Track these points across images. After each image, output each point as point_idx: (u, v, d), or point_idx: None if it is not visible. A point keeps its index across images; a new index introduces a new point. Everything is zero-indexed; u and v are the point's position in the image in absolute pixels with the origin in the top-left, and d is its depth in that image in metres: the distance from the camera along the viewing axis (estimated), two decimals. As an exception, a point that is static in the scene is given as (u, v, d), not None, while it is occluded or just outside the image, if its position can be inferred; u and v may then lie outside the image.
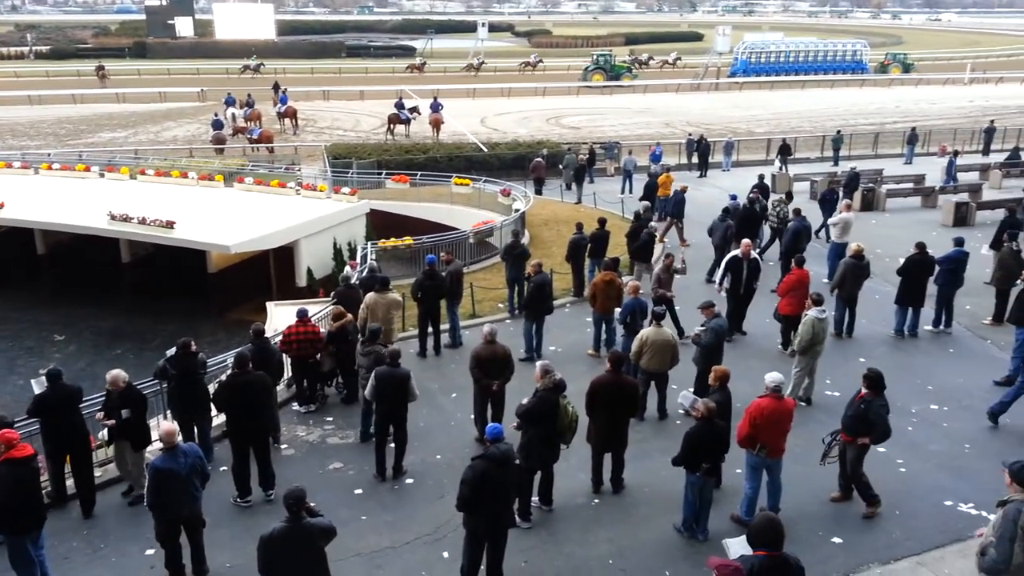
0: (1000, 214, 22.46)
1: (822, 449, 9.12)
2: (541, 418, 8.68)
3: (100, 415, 9.15)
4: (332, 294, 13.80)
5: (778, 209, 18.88)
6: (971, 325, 14.54)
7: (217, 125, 34.80)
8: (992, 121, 36.63)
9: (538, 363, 9.33)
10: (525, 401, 8.94)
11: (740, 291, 13.89)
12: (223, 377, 10.32)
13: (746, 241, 14.26)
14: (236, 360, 9.41)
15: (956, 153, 28.89)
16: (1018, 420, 11.09)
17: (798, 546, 8.30)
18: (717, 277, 14.13)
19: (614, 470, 9.57)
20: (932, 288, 14.33)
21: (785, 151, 30.68)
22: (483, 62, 66.74)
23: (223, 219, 19.81)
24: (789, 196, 20.83)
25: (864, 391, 8.76)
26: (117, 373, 9.19)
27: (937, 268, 14.12)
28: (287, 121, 40.24)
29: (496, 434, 7.56)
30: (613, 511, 9.22)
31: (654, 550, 8.46)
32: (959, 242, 14.38)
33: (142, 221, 18.45)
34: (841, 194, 20.94)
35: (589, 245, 16.44)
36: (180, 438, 8.11)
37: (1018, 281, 14.51)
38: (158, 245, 19.71)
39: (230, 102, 39.06)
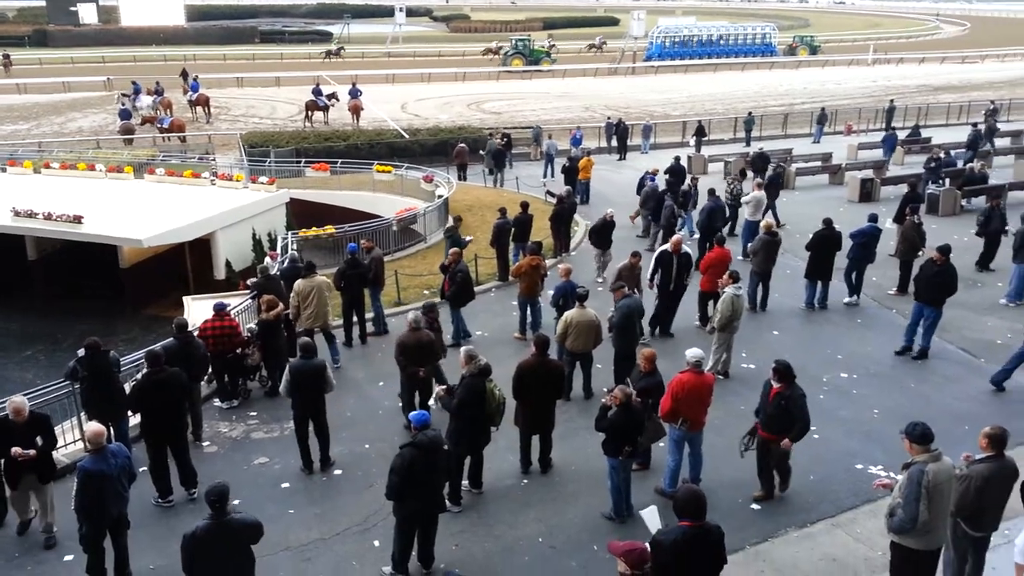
0: (903, 189, 23.63)
1: (740, 447, 8.96)
2: (470, 405, 8.73)
3: (17, 451, 8.06)
4: (250, 285, 13.51)
5: (732, 187, 19.61)
6: (877, 296, 15.23)
7: (125, 115, 33.49)
8: (892, 100, 38.26)
9: (462, 349, 9.40)
10: (441, 390, 9.09)
11: (670, 287, 13.46)
12: (139, 376, 10.02)
13: (676, 237, 13.96)
14: (149, 358, 9.13)
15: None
16: (922, 386, 11.72)
17: (718, 514, 8.59)
18: (647, 276, 13.62)
19: (542, 451, 9.71)
20: (841, 262, 14.93)
21: (700, 132, 31.44)
22: (342, 48, 65.73)
23: (134, 212, 19.11)
24: (743, 174, 21.35)
25: (776, 385, 8.51)
26: (20, 402, 8.23)
27: (851, 242, 14.71)
28: (199, 109, 39.00)
29: (423, 421, 7.59)
30: (542, 491, 9.36)
31: (582, 527, 8.64)
32: (873, 218, 14.98)
33: (48, 216, 17.64)
34: (751, 174, 21.55)
35: (512, 229, 16.54)
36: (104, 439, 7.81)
37: (920, 252, 15.29)
38: (66, 241, 18.90)
39: (137, 90, 37.57)
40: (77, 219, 17.53)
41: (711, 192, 17.64)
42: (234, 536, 6.30)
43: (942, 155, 24.34)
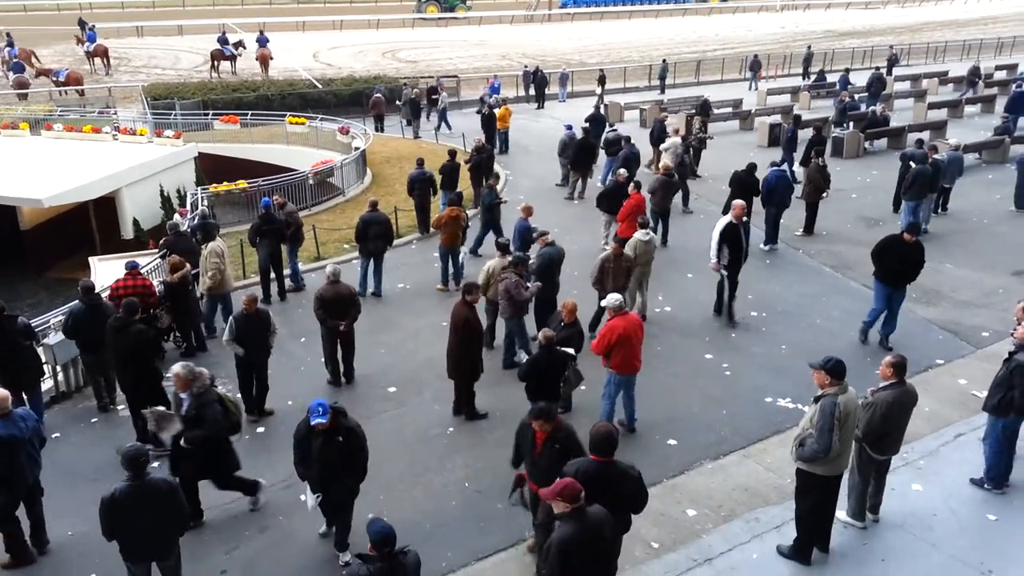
0: (809, 133, 24.33)
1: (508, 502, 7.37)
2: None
3: None
4: (160, 244, 13.08)
5: (697, 134, 20.34)
6: (784, 237, 15.77)
7: (17, 68, 31.47)
8: (809, 47, 39.15)
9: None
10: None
11: (741, 263, 12.20)
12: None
13: (739, 203, 12.44)
14: (125, 307, 9.18)
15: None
16: (827, 322, 12.30)
17: (639, 451, 9.00)
18: (712, 253, 12.10)
19: (467, 401, 9.84)
20: (760, 207, 15.33)
21: (602, 81, 31.65)
22: None
23: (32, 170, 18.19)
24: (704, 124, 21.51)
25: (540, 427, 6.73)
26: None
27: (762, 189, 15.11)
28: (97, 61, 36.96)
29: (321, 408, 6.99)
30: (468, 437, 9.51)
31: (507, 471, 8.74)
32: (774, 163, 15.46)
33: (-65, 177, 16.65)
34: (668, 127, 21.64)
35: (433, 178, 16.33)
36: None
37: (825, 195, 15.88)
38: (-43, 203, 17.86)
39: (11, 43, 34.95)
40: (-32, 179, 16.58)
41: (627, 139, 17.86)
42: (153, 497, 6.21)
43: (847, 99, 25.16)
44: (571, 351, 8.87)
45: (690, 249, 15.21)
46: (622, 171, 15.34)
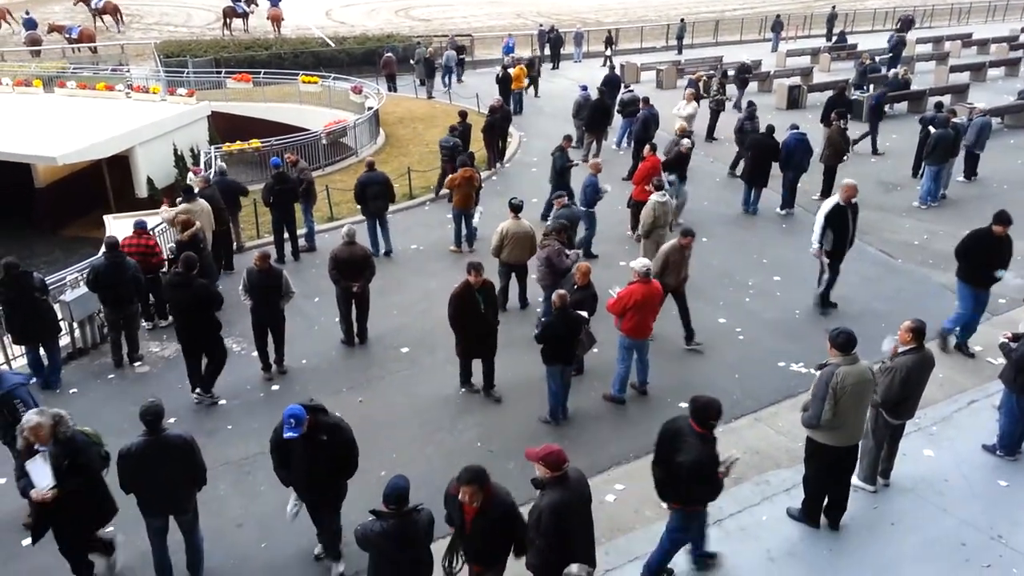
0: (828, 96, 23.93)
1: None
2: None
3: None
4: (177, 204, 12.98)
5: (717, 93, 20.10)
6: (801, 201, 15.61)
7: (30, 24, 31.31)
8: (833, 7, 38.31)
9: None
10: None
11: (846, 250, 11.12)
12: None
13: (849, 182, 11.03)
14: (184, 262, 9.09)
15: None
16: (842, 288, 12.20)
17: (650, 414, 9.05)
18: (815, 237, 11.05)
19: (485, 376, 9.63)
20: (778, 171, 15.16)
21: (609, 42, 31.21)
22: None
23: (46, 128, 18.18)
24: (723, 84, 21.14)
25: (470, 501, 5.41)
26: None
27: (782, 153, 14.90)
28: (107, 18, 36.69)
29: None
30: (480, 398, 9.54)
31: (519, 431, 8.88)
32: (793, 126, 15.20)
33: (-49, 134, 16.68)
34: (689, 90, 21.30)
35: (458, 145, 16.05)
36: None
37: (845, 158, 15.66)
38: (-27, 161, 17.91)
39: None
40: (-17, 136, 16.61)
41: (645, 100, 17.64)
42: (169, 452, 6.28)
43: (868, 61, 24.71)
44: (584, 314, 8.86)
45: (703, 212, 15.09)
46: (685, 141, 14.48)
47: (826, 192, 15.72)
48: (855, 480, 7.58)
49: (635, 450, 8.49)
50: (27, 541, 6.94)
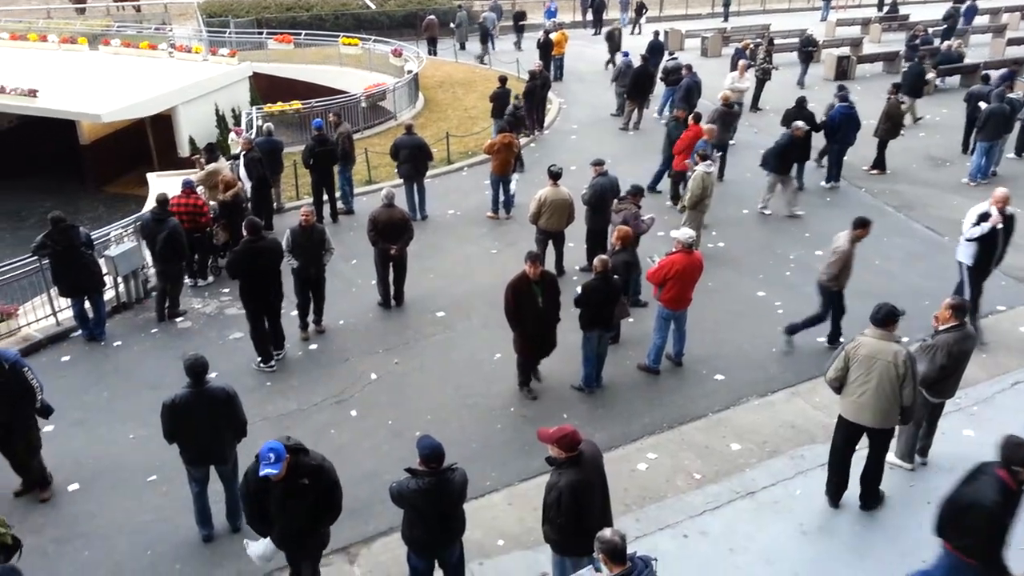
0: (878, 67, 23.34)
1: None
2: None
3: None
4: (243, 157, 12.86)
5: (764, 62, 19.60)
6: (846, 175, 15.28)
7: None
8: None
9: None
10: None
11: (992, 267, 9.73)
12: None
13: (1002, 192, 9.37)
14: (248, 226, 9.15)
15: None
16: (886, 263, 11.98)
17: (684, 384, 9.03)
18: (961, 252, 9.66)
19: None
20: (820, 142, 14.80)
21: (640, 9, 30.64)
22: None
23: (91, 85, 18.39)
24: (768, 54, 20.71)
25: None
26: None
27: (828, 125, 14.52)
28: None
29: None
30: (514, 364, 9.46)
31: (553, 397, 8.92)
32: (843, 97, 14.77)
33: (1, 90, 16.93)
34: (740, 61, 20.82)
35: (491, 104, 16.00)
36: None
37: (901, 133, 15.25)
38: (22, 116, 18.22)
39: None
40: (32, 93, 16.88)
41: (688, 68, 17.33)
42: (211, 404, 6.43)
43: (921, 33, 23.97)
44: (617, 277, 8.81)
45: (746, 184, 14.85)
46: (799, 123, 13.53)
47: (878, 165, 15.37)
48: (891, 458, 7.50)
49: (668, 420, 8.50)
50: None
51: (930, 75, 20.23)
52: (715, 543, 6.86)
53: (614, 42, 23.38)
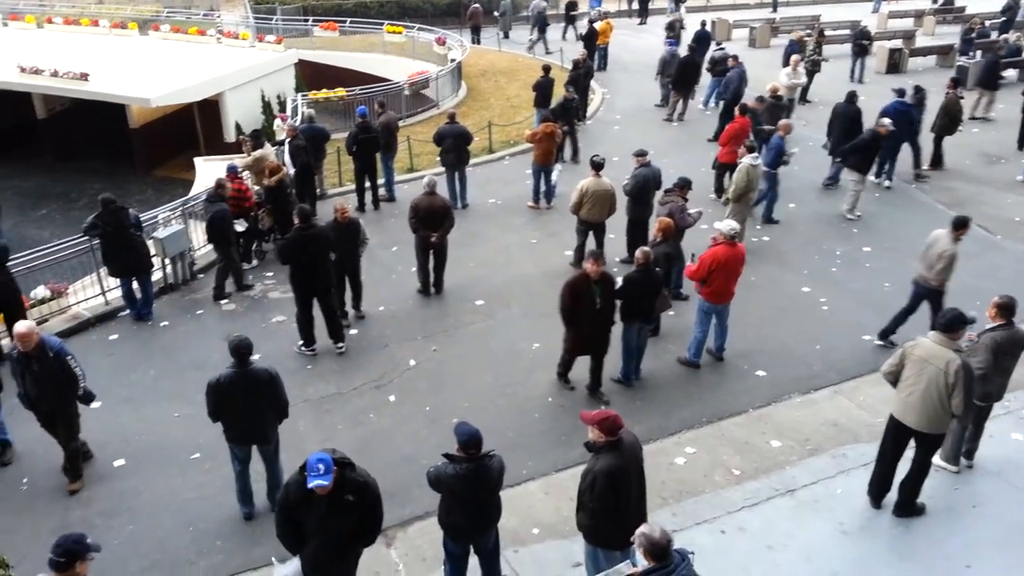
0: (931, 61, 22.70)
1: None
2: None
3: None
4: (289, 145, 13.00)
5: (813, 54, 19.20)
6: (899, 171, 14.90)
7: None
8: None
9: None
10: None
11: None
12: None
13: None
14: (299, 214, 9.24)
15: None
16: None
17: (725, 379, 8.93)
18: None
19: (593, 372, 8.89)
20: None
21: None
22: None
23: (141, 70, 18.69)
24: (819, 45, 20.28)
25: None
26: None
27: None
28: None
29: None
30: (552, 354, 9.45)
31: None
32: (900, 93, 14.31)
33: (54, 74, 17.30)
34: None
35: (534, 93, 15.91)
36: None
37: (960, 128, 14.85)
38: (75, 100, 18.62)
39: None
40: (83, 76, 17.20)
41: (735, 58, 17.08)
42: (255, 384, 6.53)
43: (978, 26, 23.30)
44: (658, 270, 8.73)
45: (792, 177, 14.58)
46: (886, 120, 12.98)
47: (935, 163, 14.98)
48: (937, 460, 7.33)
49: (707, 415, 8.41)
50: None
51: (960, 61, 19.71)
52: (753, 540, 6.78)
53: (675, 32, 23.10)
